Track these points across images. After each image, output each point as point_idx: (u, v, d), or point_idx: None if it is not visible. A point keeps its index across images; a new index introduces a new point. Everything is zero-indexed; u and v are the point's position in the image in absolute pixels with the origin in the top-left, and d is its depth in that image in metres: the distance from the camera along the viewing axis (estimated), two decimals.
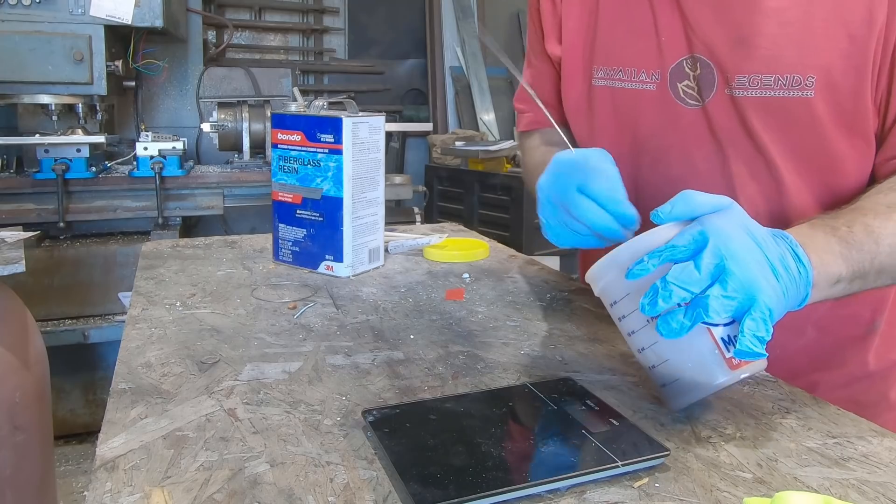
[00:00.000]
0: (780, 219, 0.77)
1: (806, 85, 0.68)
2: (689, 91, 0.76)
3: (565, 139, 0.73)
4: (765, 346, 0.53)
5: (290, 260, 1.04)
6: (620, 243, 0.61)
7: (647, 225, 0.61)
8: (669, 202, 0.58)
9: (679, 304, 0.54)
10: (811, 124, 0.70)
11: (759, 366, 0.57)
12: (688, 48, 0.75)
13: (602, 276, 0.61)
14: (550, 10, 0.88)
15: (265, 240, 1.19)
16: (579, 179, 0.68)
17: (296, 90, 2.87)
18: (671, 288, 0.53)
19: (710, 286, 0.53)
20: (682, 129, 0.78)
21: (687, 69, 0.75)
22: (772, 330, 0.53)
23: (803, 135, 0.71)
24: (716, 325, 0.55)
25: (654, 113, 0.79)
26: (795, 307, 0.58)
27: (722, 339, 0.56)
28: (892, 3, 0.65)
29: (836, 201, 0.73)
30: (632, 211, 0.67)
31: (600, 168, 0.69)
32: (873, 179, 0.75)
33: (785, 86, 0.69)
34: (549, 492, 0.49)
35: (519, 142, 1.02)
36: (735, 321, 0.56)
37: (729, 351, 0.56)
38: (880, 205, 0.65)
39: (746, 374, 0.57)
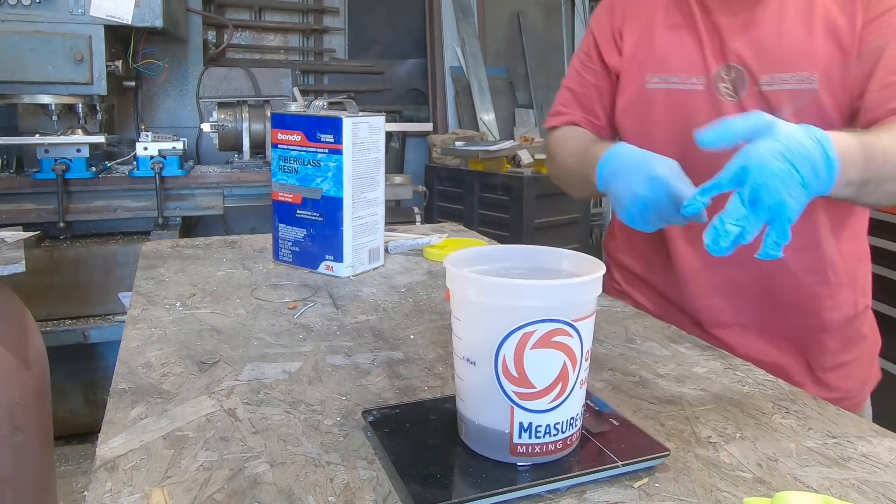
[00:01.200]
0: None
1: (812, 80, 0.91)
2: (727, 90, 0.96)
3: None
4: (781, 250, 0.62)
5: (290, 260, 1.04)
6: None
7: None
8: (709, 127, 0.67)
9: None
10: (816, 109, 0.91)
11: (549, 458, 0.51)
12: (724, 58, 0.96)
13: (450, 279, 0.54)
14: (609, 32, 1.07)
15: (265, 240, 1.19)
16: (671, 190, 0.76)
17: (296, 90, 2.87)
18: (726, 227, 0.62)
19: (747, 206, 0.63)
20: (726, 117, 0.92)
21: (723, 74, 0.96)
22: (790, 235, 0.62)
23: (811, 116, 0.89)
24: (515, 403, 0.50)
25: (704, 108, 0.96)
26: (816, 195, 0.67)
27: (520, 422, 0.50)
28: (865, 15, 0.88)
29: None
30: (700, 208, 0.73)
31: (679, 177, 0.79)
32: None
33: (798, 81, 0.92)
34: (549, 492, 0.49)
35: (551, 135, 1.14)
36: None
37: (520, 437, 0.50)
38: (890, 133, 0.81)
39: (526, 465, 0.50)
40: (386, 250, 1.11)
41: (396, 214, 2.76)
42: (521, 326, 0.49)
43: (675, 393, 0.65)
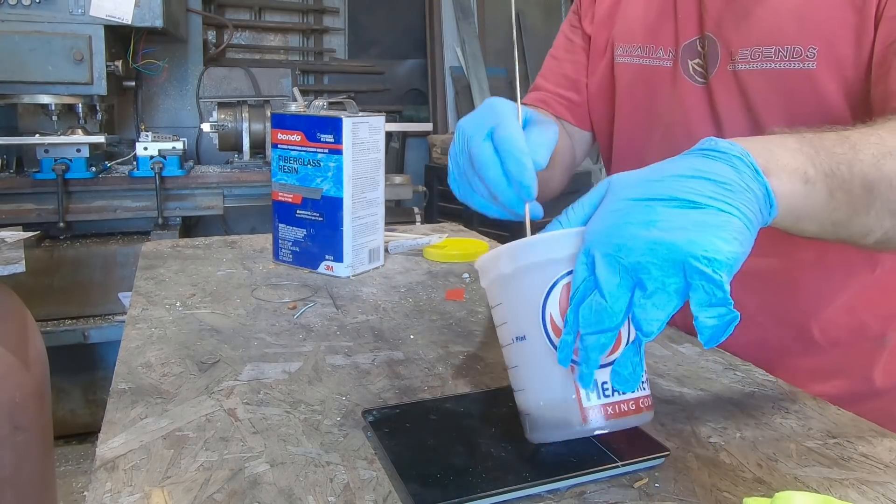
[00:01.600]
0: None
1: (807, 56, 0.67)
2: (698, 69, 0.77)
3: (519, 103, 0.61)
4: (728, 306, 0.41)
5: (290, 260, 1.04)
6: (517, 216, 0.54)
7: None
8: (566, 210, 0.51)
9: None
10: (813, 97, 0.68)
11: (625, 421, 0.48)
12: (699, 28, 0.76)
13: (483, 274, 0.52)
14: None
15: (265, 240, 1.19)
16: (493, 122, 0.57)
17: (296, 90, 2.87)
18: (589, 342, 0.44)
19: (631, 299, 0.43)
20: (687, 105, 0.79)
21: (698, 47, 0.77)
22: (726, 285, 0.41)
23: (804, 107, 0.69)
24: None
25: (667, 89, 0.80)
26: (769, 210, 0.47)
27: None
28: None
29: None
30: (530, 180, 0.54)
31: (532, 118, 0.59)
32: None
33: (785, 57, 0.68)
34: (549, 492, 0.49)
35: None
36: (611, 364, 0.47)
37: (588, 400, 0.47)
38: (859, 126, 0.58)
39: (603, 430, 0.47)
40: (386, 250, 1.11)
41: (396, 214, 2.76)
42: (560, 278, 0.46)
43: (675, 393, 0.65)
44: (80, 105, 2.31)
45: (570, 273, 0.46)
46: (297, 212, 1.01)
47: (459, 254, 1.11)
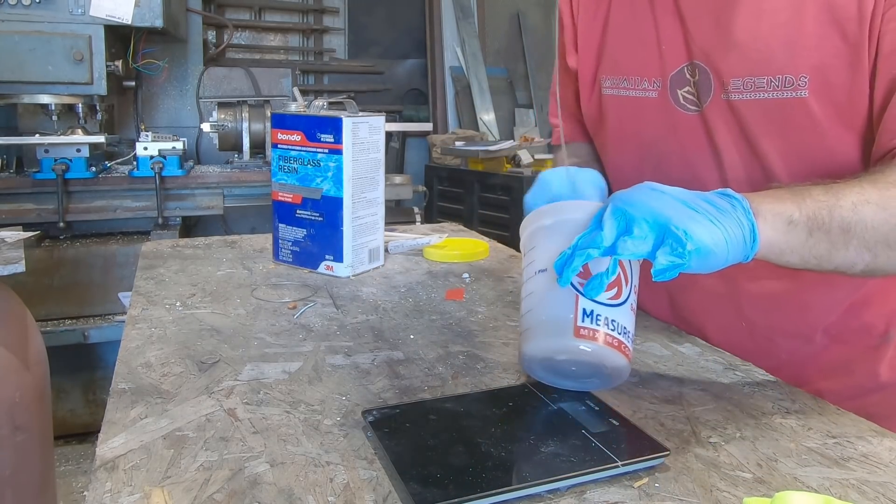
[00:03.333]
0: None
1: (799, 85, 0.69)
2: (689, 97, 0.77)
3: (565, 157, 0.74)
4: (682, 260, 0.53)
5: (290, 260, 1.04)
6: None
7: None
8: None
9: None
10: (808, 124, 0.70)
11: (595, 346, 0.57)
12: (687, 55, 0.77)
13: (525, 228, 0.65)
14: (570, 25, 0.90)
15: (265, 240, 1.19)
16: (548, 201, 0.68)
17: (296, 90, 2.87)
18: (578, 252, 0.55)
19: (617, 238, 0.55)
20: (681, 134, 0.80)
21: (687, 75, 0.77)
22: (687, 255, 0.53)
23: (800, 135, 0.71)
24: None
25: (656, 120, 0.81)
26: (752, 244, 0.57)
27: (584, 308, 0.57)
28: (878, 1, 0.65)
29: None
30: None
31: (577, 191, 0.69)
32: None
33: (778, 87, 0.70)
34: (549, 492, 0.49)
35: (552, 156, 1.06)
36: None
37: (583, 321, 0.57)
38: (846, 177, 0.64)
39: (584, 348, 0.57)
40: (386, 250, 1.11)
41: (396, 214, 2.76)
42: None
43: (675, 393, 0.65)
44: (80, 105, 2.31)
45: None
46: (297, 212, 1.01)
47: (459, 254, 1.11)
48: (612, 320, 0.58)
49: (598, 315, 0.57)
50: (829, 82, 0.68)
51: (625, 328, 0.59)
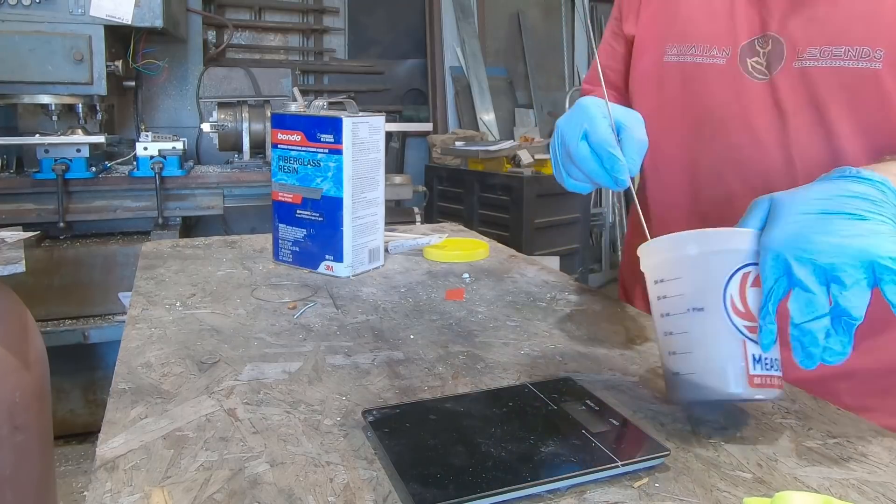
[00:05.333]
0: None
1: (874, 57, 0.71)
2: (758, 66, 0.80)
3: (606, 97, 0.70)
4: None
5: (290, 260, 1.04)
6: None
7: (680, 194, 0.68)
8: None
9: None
10: (877, 95, 0.73)
11: (774, 393, 0.57)
12: (761, 27, 0.79)
13: (656, 253, 0.61)
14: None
15: (265, 240, 1.19)
16: (587, 126, 0.67)
17: (296, 90, 2.87)
18: (808, 328, 0.51)
19: (828, 292, 0.51)
20: (747, 100, 0.82)
21: (758, 47, 0.80)
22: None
23: (869, 105, 0.74)
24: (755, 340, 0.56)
25: (721, 85, 0.83)
26: None
27: (753, 354, 0.55)
28: None
29: None
30: (624, 173, 0.66)
31: (622, 123, 0.67)
32: None
33: (854, 57, 0.72)
34: (549, 492, 0.49)
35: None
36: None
37: (754, 368, 0.55)
38: None
39: (761, 397, 0.56)
40: (386, 250, 1.11)
41: (396, 214, 2.76)
42: (741, 267, 0.56)
43: None
44: (80, 105, 2.31)
45: (750, 265, 0.56)
46: (297, 212, 1.01)
47: (459, 254, 1.11)
48: (776, 359, 0.56)
49: (765, 360, 0.56)
50: None
51: (776, 361, 0.57)
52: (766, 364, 0.56)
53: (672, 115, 0.87)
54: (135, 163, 2.39)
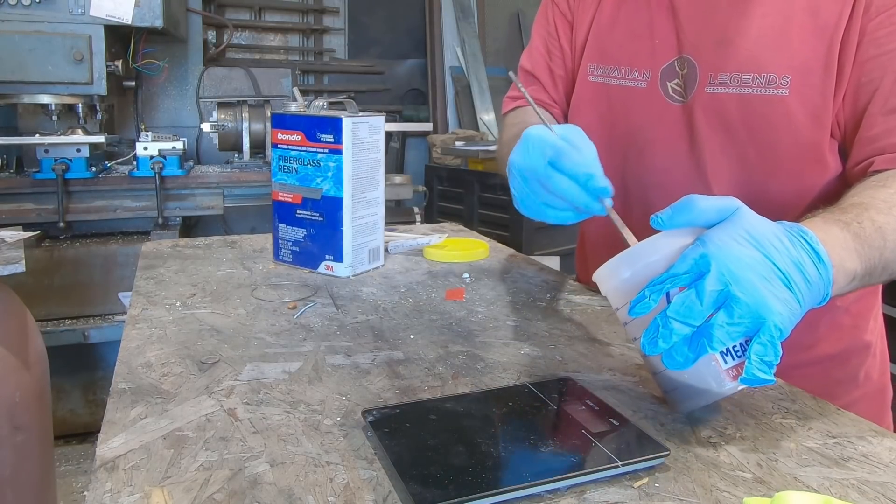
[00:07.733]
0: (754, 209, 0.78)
1: (781, 84, 0.74)
2: (677, 88, 0.82)
3: (542, 117, 0.69)
4: (773, 371, 0.51)
5: (290, 260, 1.04)
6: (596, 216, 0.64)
7: (638, 221, 0.63)
8: (670, 207, 0.56)
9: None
10: (785, 121, 0.75)
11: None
12: (678, 49, 0.81)
13: (606, 280, 0.61)
14: (566, 11, 0.96)
15: (265, 240, 1.19)
16: (551, 154, 0.65)
17: (296, 90, 2.86)
18: (672, 325, 0.52)
19: (714, 314, 0.52)
20: (667, 124, 0.84)
21: (677, 68, 0.81)
22: (780, 351, 0.51)
23: (778, 130, 0.76)
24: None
25: (643, 109, 0.84)
26: (816, 306, 0.57)
27: (720, 351, 0.55)
28: (855, 8, 0.71)
29: (808, 193, 0.78)
30: (605, 183, 0.64)
31: (573, 142, 0.66)
32: (844, 180, 0.77)
33: (761, 84, 0.74)
34: (549, 492, 0.49)
35: (500, 124, 1.07)
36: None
37: (727, 362, 0.55)
38: (878, 200, 0.65)
39: (745, 385, 0.55)
40: (386, 250, 1.11)
41: (396, 214, 2.76)
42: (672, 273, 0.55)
43: None
44: (80, 105, 2.31)
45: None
46: (297, 212, 1.01)
47: (459, 254, 1.11)
48: (741, 343, 0.55)
49: (733, 349, 0.55)
50: (808, 83, 0.73)
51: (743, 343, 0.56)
52: (736, 353, 0.55)
53: (602, 133, 0.86)
54: (135, 163, 2.40)
